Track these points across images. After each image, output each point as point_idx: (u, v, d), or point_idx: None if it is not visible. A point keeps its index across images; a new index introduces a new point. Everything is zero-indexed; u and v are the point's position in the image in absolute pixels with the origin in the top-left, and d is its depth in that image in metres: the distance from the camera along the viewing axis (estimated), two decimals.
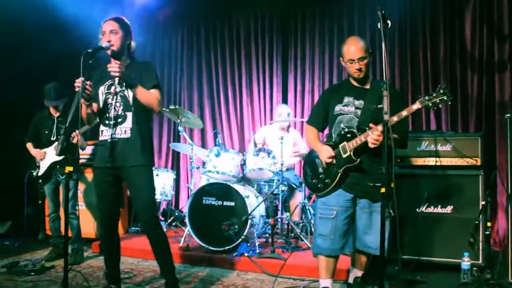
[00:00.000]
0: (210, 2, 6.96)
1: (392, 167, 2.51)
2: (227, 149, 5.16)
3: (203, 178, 5.39)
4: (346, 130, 3.16)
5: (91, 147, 5.48)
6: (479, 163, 4.07)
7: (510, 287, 3.57)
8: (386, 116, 2.54)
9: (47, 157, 4.67)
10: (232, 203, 4.72)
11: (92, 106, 3.27)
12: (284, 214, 5.14)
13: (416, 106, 2.86)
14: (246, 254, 4.43)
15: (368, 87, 3.24)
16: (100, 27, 3.25)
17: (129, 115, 3.22)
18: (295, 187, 5.44)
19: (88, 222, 5.32)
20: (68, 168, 2.84)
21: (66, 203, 2.96)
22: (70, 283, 3.69)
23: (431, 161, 4.21)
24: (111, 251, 3.45)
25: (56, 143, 4.57)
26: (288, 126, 5.74)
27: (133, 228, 5.98)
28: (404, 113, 2.89)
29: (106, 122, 3.24)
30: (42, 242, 5.57)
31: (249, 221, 4.55)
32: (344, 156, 3.13)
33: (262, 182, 5.48)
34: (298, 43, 6.64)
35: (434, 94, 2.82)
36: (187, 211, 4.82)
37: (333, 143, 3.21)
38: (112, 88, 3.24)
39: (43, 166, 4.68)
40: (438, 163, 4.18)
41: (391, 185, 2.47)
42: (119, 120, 3.21)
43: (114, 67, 3.02)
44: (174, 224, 5.90)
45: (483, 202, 3.92)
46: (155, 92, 3.24)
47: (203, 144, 7.03)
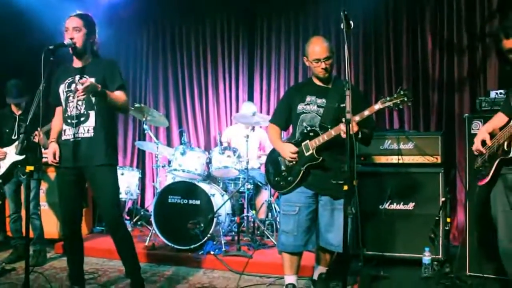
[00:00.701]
0: (176, 1, 6.91)
1: (354, 165, 2.55)
2: (193, 147, 5.16)
3: (168, 176, 5.37)
4: (309, 128, 3.21)
5: None
6: (439, 161, 4.20)
7: (468, 280, 3.69)
8: (348, 115, 2.59)
9: (8, 156, 4.53)
10: (198, 202, 4.70)
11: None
12: (250, 212, 5.16)
13: (377, 106, 2.93)
14: (212, 252, 4.44)
15: (330, 86, 3.29)
16: (63, 23, 3.17)
17: (91, 113, 3.15)
18: (260, 185, 5.48)
19: (51, 222, 5.21)
20: (29, 168, 2.80)
21: (28, 203, 2.91)
22: (31, 285, 3.61)
23: (394, 159, 4.32)
24: (75, 252, 3.39)
25: (17, 142, 4.47)
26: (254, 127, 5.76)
27: (97, 228, 5.89)
28: (366, 112, 2.96)
29: (69, 121, 3.17)
30: (2, 244, 5.40)
31: (214, 219, 4.56)
32: (306, 154, 3.18)
33: (227, 180, 5.50)
34: (264, 42, 6.66)
35: (395, 95, 2.89)
36: (153, 210, 4.79)
37: (295, 142, 3.25)
38: (73, 85, 3.13)
39: (3, 166, 4.54)
40: (401, 161, 4.29)
41: (354, 182, 2.52)
42: (81, 119, 3.15)
43: (80, 91, 2.90)
44: (139, 223, 5.83)
45: (443, 199, 4.03)
46: (121, 94, 3.19)
47: (169, 143, 6.96)
